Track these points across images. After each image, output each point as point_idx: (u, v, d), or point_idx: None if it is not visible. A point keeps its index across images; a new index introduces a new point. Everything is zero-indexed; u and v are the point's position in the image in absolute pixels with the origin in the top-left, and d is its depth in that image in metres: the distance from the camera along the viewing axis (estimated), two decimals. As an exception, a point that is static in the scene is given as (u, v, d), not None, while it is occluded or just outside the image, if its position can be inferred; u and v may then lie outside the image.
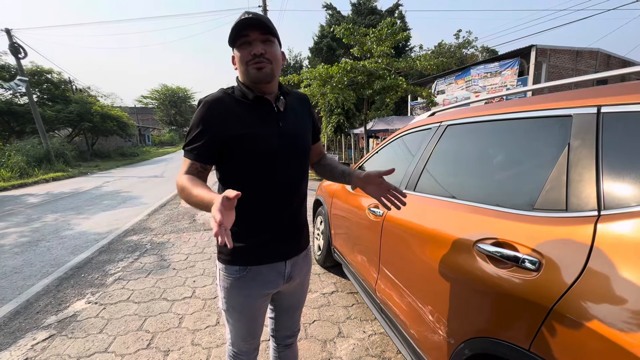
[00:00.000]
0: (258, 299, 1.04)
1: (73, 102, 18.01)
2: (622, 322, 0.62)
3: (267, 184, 0.96)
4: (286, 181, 0.99)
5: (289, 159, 0.99)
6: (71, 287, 2.81)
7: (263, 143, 0.93)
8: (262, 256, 1.01)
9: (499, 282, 0.89)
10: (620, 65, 14.22)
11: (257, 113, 0.95)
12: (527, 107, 1.10)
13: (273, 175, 0.96)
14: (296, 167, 1.02)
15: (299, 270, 1.12)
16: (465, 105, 1.76)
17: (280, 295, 1.15)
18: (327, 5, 22.62)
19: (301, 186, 1.06)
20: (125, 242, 4.02)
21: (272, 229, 1.00)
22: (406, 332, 1.43)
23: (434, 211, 1.34)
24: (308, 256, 1.17)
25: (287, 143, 0.97)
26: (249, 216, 0.95)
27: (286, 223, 1.03)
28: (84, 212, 5.78)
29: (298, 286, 1.17)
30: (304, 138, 1.06)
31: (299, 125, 1.04)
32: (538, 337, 0.76)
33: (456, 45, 25.39)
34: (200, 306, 2.41)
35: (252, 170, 0.94)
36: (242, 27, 0.88)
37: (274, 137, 0.95)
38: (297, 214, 1.06)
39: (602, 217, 0.74)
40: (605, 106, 0.83)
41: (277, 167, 0.96)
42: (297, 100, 1.09)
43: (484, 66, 13.90)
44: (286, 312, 1.21)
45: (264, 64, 0.90)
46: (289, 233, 1.05)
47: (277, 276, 1.05)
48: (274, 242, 1.01)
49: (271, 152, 0.94)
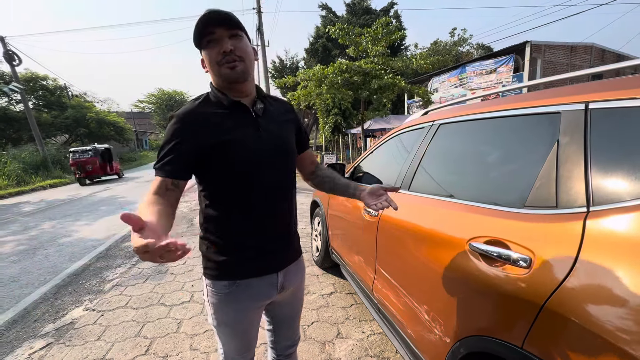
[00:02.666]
0: (250, 311, 0.98)
1: (69, 107, 17.97)
2: (612, 317, 0.62)
3: (250, 192, 0.90)
4: (270, 188, 0.93)
5: (271, 165, 0.93)
6: (69, 295, 2.80)
7: (242, 149, 0.87)
8: (250, 270, 0.95)
9: (492, 280, 0.89)
10: (614, 59, 14.28)
11: (234, 119, 0.90)
12: (517, 104, 1.10)
13: (255, 183, 0.90)
14: (280, 173, 0.96)
15: (293, 279, 1.06)
16: (459, 104, 1.77)
17: (275, 306, 1.09)
18: (322, 6, 22.65)
19: (288, 192, 1.00)
20: (122, 248, 4.01)
21: (259, 239, 0.94)
22: (403, 332, 1.42)
23: (428, 210, 1.35)
24: (301, 263, 1.12)
25: (268, 148, 0.92)
26: (233, 228, 0.92)
27: (273, 233, 0.97)
28: (82, 219, 5.76)
29: (293, 295, 1.11)
30: (286, 142, 1.00)
31: (279, 130, 0.98)
32: (530, 334, 0.76)
33: (451, 43, 25.46)
34: (198, 310, 2.41)
35: (232, 179, 0.89)
36: (206, 24, 0.82)
37: (254, 143, 0.90)
38: (285, 223, 1.00)
39: (591, 213, 0.74)
40: (592, 102, 0.83)
41: (259, 173, 0.90)
42: (277, 105, 1.05)
43: (479, 63, 13.94)
44: (284, 322, 1.15)
45: (236, 62, 0.85)
46: (278, 243, 0.99)
47: (270, 287, 0.99)
48: (262, 254, 0.95)
49: (251, 158, 0.89)
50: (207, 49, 0.86)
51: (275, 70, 23.99)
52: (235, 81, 0.88)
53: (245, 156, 0.88)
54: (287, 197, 1.00)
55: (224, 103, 0.90)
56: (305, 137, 1.15)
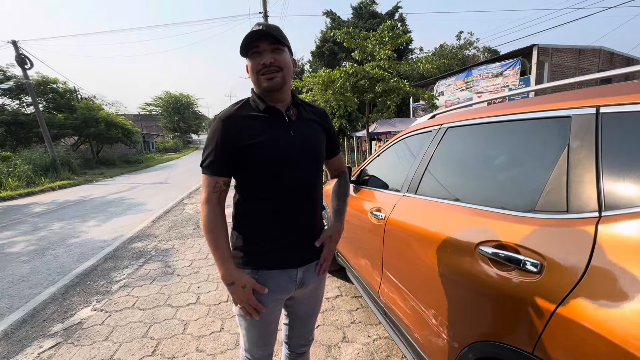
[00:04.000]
0: (269, 303, 1.04)
1: (78, 109, 18.26)
2: (625, 323, 0.61)
3: (278, 190, 0.98)
4: (296, 187, 1.01)
5: (300, 167, 1.01)
6: (77, 295, 2.84)
7: (272, 150, 0.96)
8: (272, 261, 1.02)
9: (502, 285, 0.89)
10: (623, 63, 14.11)
11: (269, 122, 0.98)
12: (527, 108, 1.10)
13: (283, 182, 0.98)
14: (307, 175, 1.04)
15: (312, 277, 1.11)
16: (465, 107, 1.76)
17: (294, 301, 1.15)
18: (327, 12, 22.78)
19: (313, 194, 1.06)
20: (130, 249, 4.05)
21: (283, 235, 1.01)
22: (410, 336, 1.42)
23: (436, 214, 1.34)
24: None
25: (298, 151, 1.00)
26: (259, 222, 1.00)
27: (297, 230, 1.04)
28: (90, 220, 5.83)
29: (312, 293, 1.16)
30: (316, 146, 1.07)
31: (310, 134, 1.06)
32: (541, 340, 0.75)
33: (458, 47, 25.38)
34: (204, 312, 2.42)
35: (262, 177, 0.97)
36: (252, 39, 0.93)
37: (284, 145, 0.98)
38: (310, 221, 1.08)
39: (603, 218, 0.73)
40: (604, 106, 0.83)
41: (287, 174, 0.98)
42: (312, 111, 1.12)
43: (486, 66, 13.87)
44: (300, 320, 1.21)
45: (274, 73, 0.95)
46: (301, 240, 1.06)
47: (289, 281, 1.05)
48: (285, 249, 1.02)
49: (281, 159, 0.97)
50: (251, 58, 0.97)
51: (281, 73, 24.10)
52: (271, 90, 0.98)
53: (275, 156, 0.96)
54: (311, 198, 1.06)
55: (260, 108, 0.99)
56: (334, 144, 1.20)
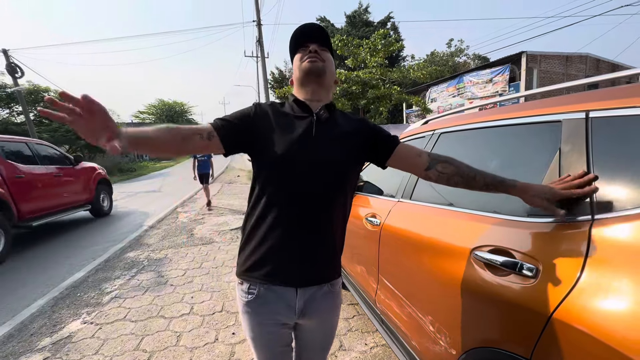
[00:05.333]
0: (269, 327, 0.95)
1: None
2: (620, 326, 0.61)
3: (284, 193, 0.89)
4: (305, 196, 0.89)
5: (315, 171, 0.89)
6: (66, 307, 2.76)
7: (286, 146, 0.88)
8: (270, 273, 0.91)
9: (498, 290, 0.88)
10: (609, 69, 14.49)
11: (295, 119, 0.94)
12: (518, 113, 1.11)
13: (290, 186, 0.89)
14: (320, 184, 0.90)
15: (316, 309, 0.96)
16: (458, 113, 1.78)
17: (300, 329, 1.03)
18: (321, 19, 23.07)
19: (328, 205, 0.92)
20: (122, 259, 3.97)
21: (282, 243, 0.90)
22: (408, 344, 1.40)
23: (431, 219, 1.34)
24: (332, 295, 1.00)
25: (316, 154, 0.90)
26: (261, 228, 0.91)
27: (302, 241, 0.90)
28: (80, 229, 5.72)
29: (318, 326, 1.02)
30: (338, 154, 0.93)
31: (338, 138, 0.95)
32: (539, 345, 0.75)
33: (448, 54, 25.85)
34: (198, 323, 2.37)
35: (273, 172, 0.90)
36: (302, 37, 0.96)
37: (301, 143, 0.89)
38: (315, 238, 0.92)
39: (595, 222, 0.74)
40: (593, 111, 0.84)
41: (295, 176, 0.88)
42: (349, 119, 1.02)
43: (476, 73, 14.12)
44: (306, 350, 1.07)
45: (318, 60, 0.94)
46: (304, 254, 0.91)
47: (287, 309, 0.93)
48: (285, 260, 0.90)
49: (293, 159, 0.88)
50: (299, 52, 0.97)
51: (275, 81, 24.29)
52: (311, 73, 0.94)
53: (287, 153, 0.88)
54: (321, 210, 0.91)
55: (291, 103, 0.97)
56: (388, 137, 1.02)
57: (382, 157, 1.01)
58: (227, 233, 4.97)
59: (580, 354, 0.66)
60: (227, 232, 5.04)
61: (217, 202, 8.03)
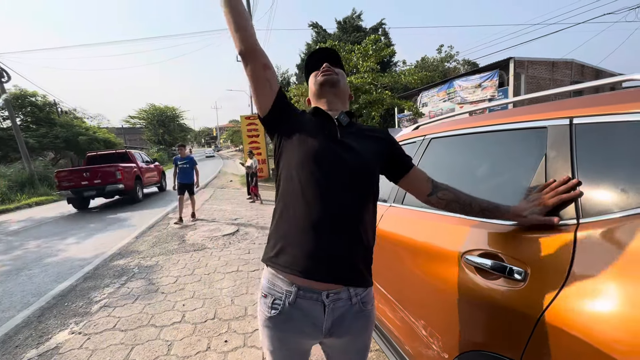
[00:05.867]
0: (291, 344, 0.91)
1: (59, 125, 17.70)
2: (606, 327, 0.62)
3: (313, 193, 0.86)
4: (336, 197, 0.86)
5: (340, 174, 0.88)
6: (54, 318, 2.69)
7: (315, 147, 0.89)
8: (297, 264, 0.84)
9: (488, 294, 0.90)
10: (593, 74, 14.89)
11: (318, 125, 0.96)
12: (506, 119, 1.14)
13: (320, 185, 0.86)
14: (350, 185, 0.88)
15: (346, 330, 0.90)
16: (448, 118, 1.81)
17: (329, 346, 0.98)
18: (313, 24, 23.25)
19: (357, 205, 0.89)
20: (111, 267, 3.90)
21: (306, 242, 0.85)
22: (401, 349, 1.40)
23: (422, 224, 1.35)
24: (363, 316, 0.93)
25: (343, 155, 0.89)
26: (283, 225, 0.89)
27: (331, 238, 0.85)
28: (69, 237, 5.61)
29: (348, 347, 0.96)
30: (363, 157, 0.92)
31: (361, 142, 0.95)
32: (529, 347, 0.76)
33: (439, 59, 26.27)
34: (190, 331, 2.33)
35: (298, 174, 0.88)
36: (317, 59, 1.06)
37: (328, 146, 0.90)
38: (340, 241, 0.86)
39: (581, 225, 0.75)
40: (576, 117, 0.87)
41: (326, 177, 0.87)
42: (371, 130, 1.04)
43: (466, 78, 14.37)
44: None
45: (332, 73, 1.01)
46: (333, 251, 0.85)
47: (313, 328, 0.88)
48: (313, 254, 0.84)
49: (322, 159, 0.88)
50: (312, 73, 1.07)
51: (267, 86, 24.29)
52: (326, 83, 1.01)
53: (315, 152, 0.89)
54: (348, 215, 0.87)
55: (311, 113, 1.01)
56: (404, 157, 1.04)
57: (396, 174, 1.05)
58: (220, 239, 4.92)
59: (569, 356, 0.68)
60: (219, 238, 4.99)
61: (209, 207, 7.96)
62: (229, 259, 3.95)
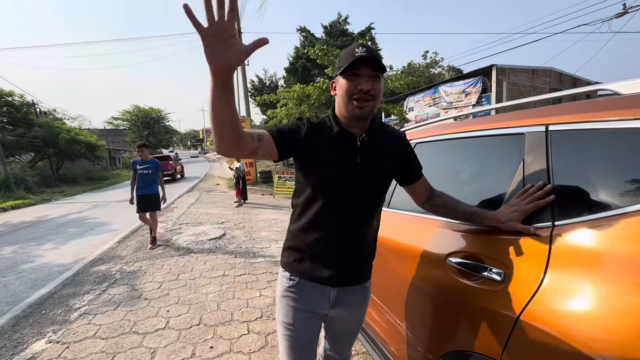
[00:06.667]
0: (302, 314, 1.04)
1: (37, 126, 17.07)
2: (580, 326, 0.65)
3: (328, 208, 0.98)
4: (351, 213, 0.99)
5: (359, 194, 0.98)
6: (30, 326, 2.58)
7: (333, 171, 0.97)
8: (306, 271, 1.02)
9: (470, 295, 0.92)
10: (571, 82, 15.51)
11: (339, 144, 0.97)
12: (488, 125, 1.18)
13: (334, 202, 0.98)
14: (365, 203, 1.00)
15: (348, 302, 1.07)
16: (433, 123, 1.85)
17: (330, 320, 1.14)
18: (301, 29, 23.33)
19: (368, 222, 1.03)
20: (92, 273, 3.77)
21: (323, 251, 1.01)
22: (387, 351, 1.42)
23: (407, 227, 1.38)
24: (363, 290, 1.11)
25: (361, 178, 0.97)
26: (305, 233, 1.02)
27: (337, 251, 1.01)
28: (47, 242, 5.40)
29: (348, 318, 1.14)
30: (380, 174, 1.02)
31: (379, 163, 1.01)
32: (508, 346, 0.78)
33: (424, 65, 26.80)
34: (174, 337, 2.28)
35: (316, 191, 0.98)
36: (357, 60, 0.87)
37: (347, 169, 0.97)
38: (353, 247, 1.03)
39: (556, 228, 0.79)
40: (552, 124, 0.91)
41: (340, 195, 0.97)
42: (390, 137, 1.07)
43: (451, 84, 14.71)
44: (335, 338, 1.21)
45: (368, 102, 0.91)
46: (338, 262, 1.02)
47: (322, 298, 1.04)
48: (321, 265, 1.01)
49: (339, 181, 0.97)
50: (347, 79, 0.91)
51: (255, 89, 24.19)
52: (359, 119, 0.95)
53: (333, 177, 0.97)
54: (360, 224, 1.02)
55: (333, 130, 0.98)
56: (416, 168, 1.12)
57: (406, 180, 1.14)
58: (206, 243, 4.84)
59: (545, 354, 0.70)
60: (205, 242, 4.91)
61: (195, 210, 7.84)
62: (215, 263, 3.89)
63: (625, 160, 0.75)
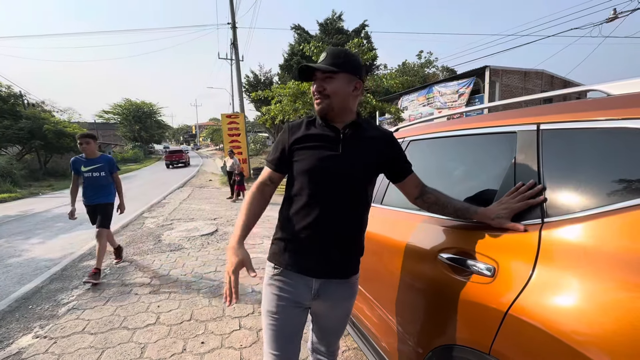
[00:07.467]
0: (285, 302, 1.07)
1: (24, 117, 16.68)
2: (567, 320, 0.67)
3: (314, 200, 1.04)
4: (332, 204, 1.04)
5: (340, 184, 1.04)
6: (16, 321, 2.53)
7: (316, 162, 1.04)
8: (289, 262, 1.07)
9: (461, 290, 0.94)
10: (562, 84, 15.76)
11: (323, 137, 1.07)
12: (480, 124, 1.19)
13: (319, 193, 1.04)
14: (347, 194, 1.05)
15: (330, 295, 1.10)
16: (427, 122, 1.87)
17: (315, 313, 1.18)
18: (295, 27, 23.19)
19: (350, 213, 1.07)
20: (80, 268, 3.72)
21: (307, 242, 1.05)
22: (378, 346, 1.43)
23: (400, 223, 1.39)
24: (346, 285, 1.13)
25: (343, 167, 1.04)
26: (291, 223, 1.07)
27: (321, 242, 1.05)
28: (34, 237, 5.29)
29: (331, 308, 1.15)
30: (363, 166, 1.07)
31: (362, 154, 1.07)
32: (496, 340, 0.80)
33: (419, 65, 26.92)
34: (165, 333, 2.27)
35: (302, 183, 1.06)
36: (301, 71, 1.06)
37: (330, 160, 1.04)
38: (336, 239, 1.06)
39: (545, 224, 0.81)
40: (543, 124, 0.93)
41: (325, 186, 1.04)
42: (375, 133, 1.12)
43: (445, 84, 14.81)
44: (320, 331, 1.24)
45: (321, 100, 1.05)
46: (321, 254, 1.06)
47: (305, 288, 1.08)
48: (304, 256, 1.06)
49: (322, 171, 1.03)
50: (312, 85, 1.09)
51: (249, 85, 24.00)
52: (319, 114, 1.09)
53: (316, 167, 1.04)
54: (341, 216, 1.06)
55: (318, 124, 1.10)
56: (404, 165, 1.16)
57: (395, 177, 1.17)
58: (198, 239, 4.81)
59: (533, 347, 0.72)
60: (197, 237, 4.88)
61: (187, 206, 7.77)
62: (207, 259, 3.87)
63: (614, 158, 0.77)
